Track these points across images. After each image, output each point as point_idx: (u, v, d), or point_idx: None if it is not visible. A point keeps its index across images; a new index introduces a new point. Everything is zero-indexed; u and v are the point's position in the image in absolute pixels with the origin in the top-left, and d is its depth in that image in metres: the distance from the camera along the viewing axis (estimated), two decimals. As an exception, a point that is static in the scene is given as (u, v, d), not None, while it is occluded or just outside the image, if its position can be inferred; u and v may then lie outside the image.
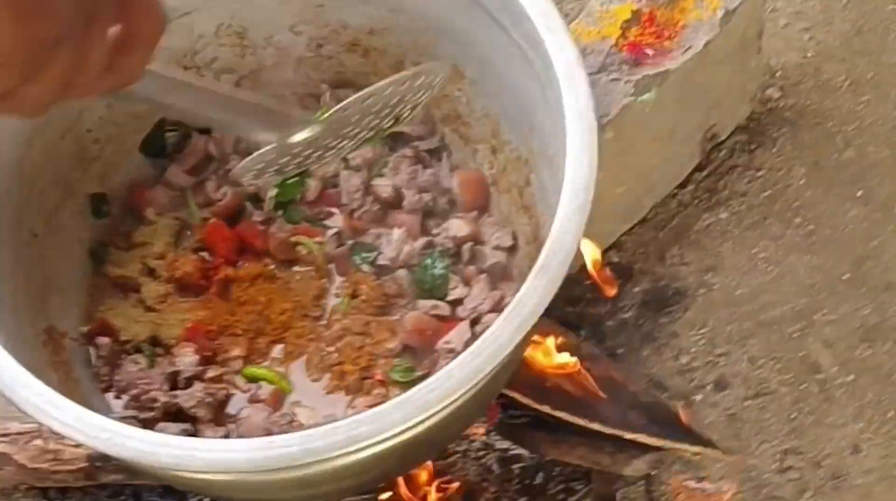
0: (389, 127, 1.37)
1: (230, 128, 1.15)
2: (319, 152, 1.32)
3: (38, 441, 1.54)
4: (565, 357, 1.61)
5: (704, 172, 1.92)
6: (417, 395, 1.05)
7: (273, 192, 1.47)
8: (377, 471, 1.31)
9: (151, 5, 0.76)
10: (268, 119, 1.23)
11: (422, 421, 1.06)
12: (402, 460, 1.34)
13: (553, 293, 1.09)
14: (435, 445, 1.42)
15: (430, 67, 1.35)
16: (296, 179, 1.43)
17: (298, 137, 1.25)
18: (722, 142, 1.93)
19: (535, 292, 1.09)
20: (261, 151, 1.26)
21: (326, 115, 1.27)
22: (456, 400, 1.06)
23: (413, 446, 1.18)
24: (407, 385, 1.41)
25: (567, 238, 1.11)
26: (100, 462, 1.54)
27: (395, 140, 1.56)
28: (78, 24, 0.69)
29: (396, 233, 1.49)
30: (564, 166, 1.22)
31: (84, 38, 0.70)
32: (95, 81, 0.75)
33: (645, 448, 1.62)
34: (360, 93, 1.28)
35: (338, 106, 1.28)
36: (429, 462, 1.58)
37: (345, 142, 1.33)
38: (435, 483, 1.58)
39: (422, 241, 1.50)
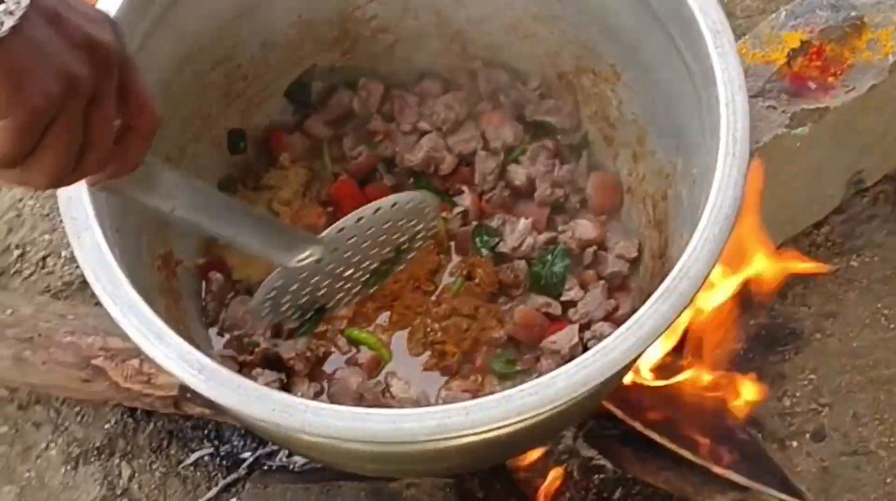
0: (392, 260, 1.44)
1: (233, 238, 1.19)
2: (328, 283, 1.37)
3: (135, 362, 1.55)
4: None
5: (843, 216, 1.86)
6: (517, 396, 1.02)
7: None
8: (460, 460, 1.30)
9: (147, 103, 0.89)
10: (271, 232, 1.27)
11: (516, 422, 1.04)
12: (488, 454, 1.32)
13: (674, 319, 1.06)
14: (524, 444, 1.40)
15: (422, 194, 1.43)
16: (313, 316, 1.43)
17: (301, 258, 1.29)
18: (866, 188, 1.87)
19: (655, 313, 1.06)
20: (268, 278, 1.32)
21: (324, 233, 1.32)
22: (555, 408, 1.04)
23: (501, 443, 1.17)
24: (504, 378, 1.40)
25: (698, 266, 1.08)
26: (190, 393, 1.55)
27: (538, 128, 1.53)
28: (72, 103, 0.79)
29: (522, 223, 1.47)
30: (709, 189, 1.19)
31: (82, 118, 0.81)
32: (99, 164, 0.86)
33: (731, 485, 1.59)
34: (352, 214, 1.34)
35: (333, 225, 1.33)
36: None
37: (349, 272, 1.39)
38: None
39: (546, 236, 1.48)
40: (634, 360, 1.08)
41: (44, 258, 1.85)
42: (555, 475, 1.58)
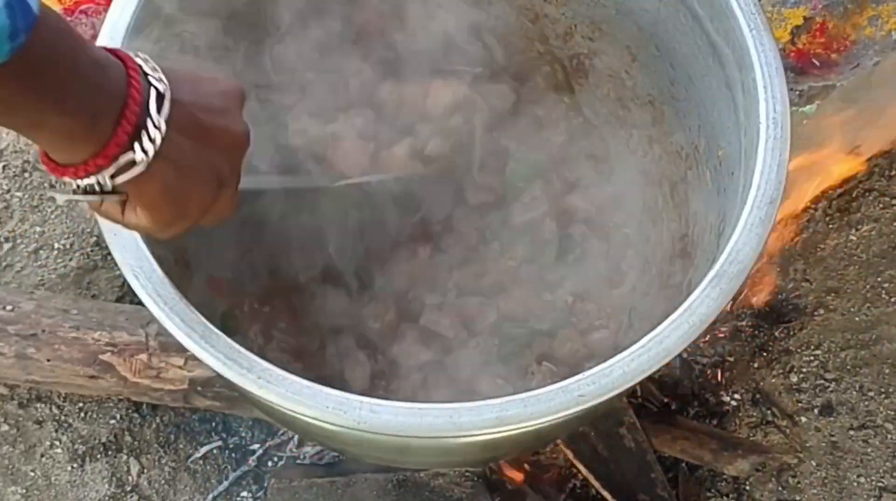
0: None
1: None
2: None
3: (143, 356, 1.52)
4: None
5: (839, 191, 1.87)
6: (574, 386, 1.01)
7: None
8: (505, 451, 1.29)
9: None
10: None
11: (573, 412, 1.03)
12: (534, 442, 1.32)
13: (724, 304, 1.06)
14: (569, 430, 1.40)
15: None
16: None
17: None
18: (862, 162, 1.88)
19: (706, 300, 1.05)
20: None
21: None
22: (611, 396, 1.03)
23: (549, 431, 1.16)
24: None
25: (746, 250, 1.07)
26: (201, 386, 1.52)
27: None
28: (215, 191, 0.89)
29: None
30: (739, 171, 1.18)
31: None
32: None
33: (750, 449, 1.60)
34: None
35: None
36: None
37: None
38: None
39: None
40: (687, 346, 1.07)
41: (35, 251, 1.80)
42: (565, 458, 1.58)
